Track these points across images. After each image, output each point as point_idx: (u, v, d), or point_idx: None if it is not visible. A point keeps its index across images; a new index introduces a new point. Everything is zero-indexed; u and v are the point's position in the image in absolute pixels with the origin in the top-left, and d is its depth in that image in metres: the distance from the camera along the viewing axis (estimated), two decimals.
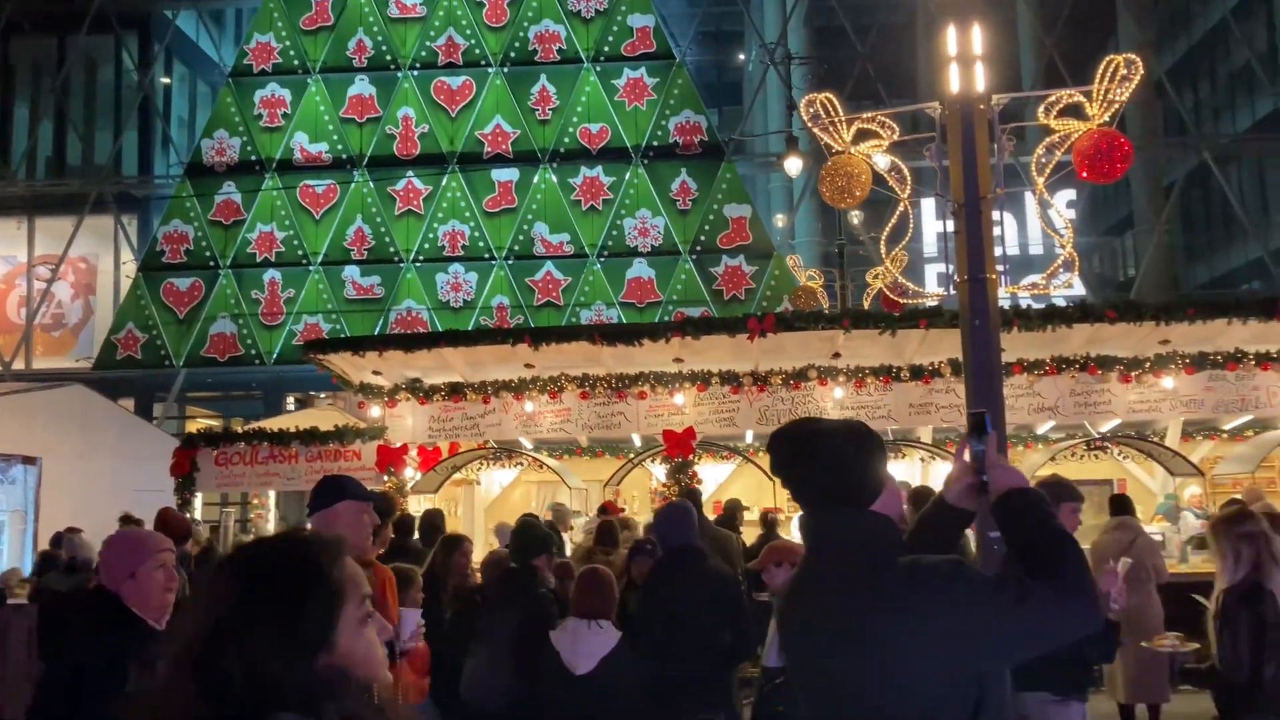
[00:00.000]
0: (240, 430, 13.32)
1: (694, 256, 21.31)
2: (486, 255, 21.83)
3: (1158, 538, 10.42)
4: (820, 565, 2.22)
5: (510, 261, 21.73)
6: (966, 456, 2.28)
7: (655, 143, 21.80)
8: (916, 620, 2.01)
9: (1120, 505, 8.41)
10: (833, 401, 11.69)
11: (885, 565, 2.10)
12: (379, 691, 1.71)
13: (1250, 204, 31.37)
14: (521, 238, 21.81)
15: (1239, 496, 10.05)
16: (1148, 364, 11.34)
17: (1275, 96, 28.43)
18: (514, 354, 11.57)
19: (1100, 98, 8.05)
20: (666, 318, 19.68)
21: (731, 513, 9.31)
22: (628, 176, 21.71)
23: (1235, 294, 28.14)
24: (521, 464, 13.70)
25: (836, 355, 11.55)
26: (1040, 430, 14.17)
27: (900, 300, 9.99)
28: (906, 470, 14.40)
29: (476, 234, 21.92)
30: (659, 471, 12.36)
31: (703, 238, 21.41)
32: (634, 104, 21.92)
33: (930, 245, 23.09)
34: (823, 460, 2.21)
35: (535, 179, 21.87)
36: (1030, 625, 2.02)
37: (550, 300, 21.59)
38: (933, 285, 11.61)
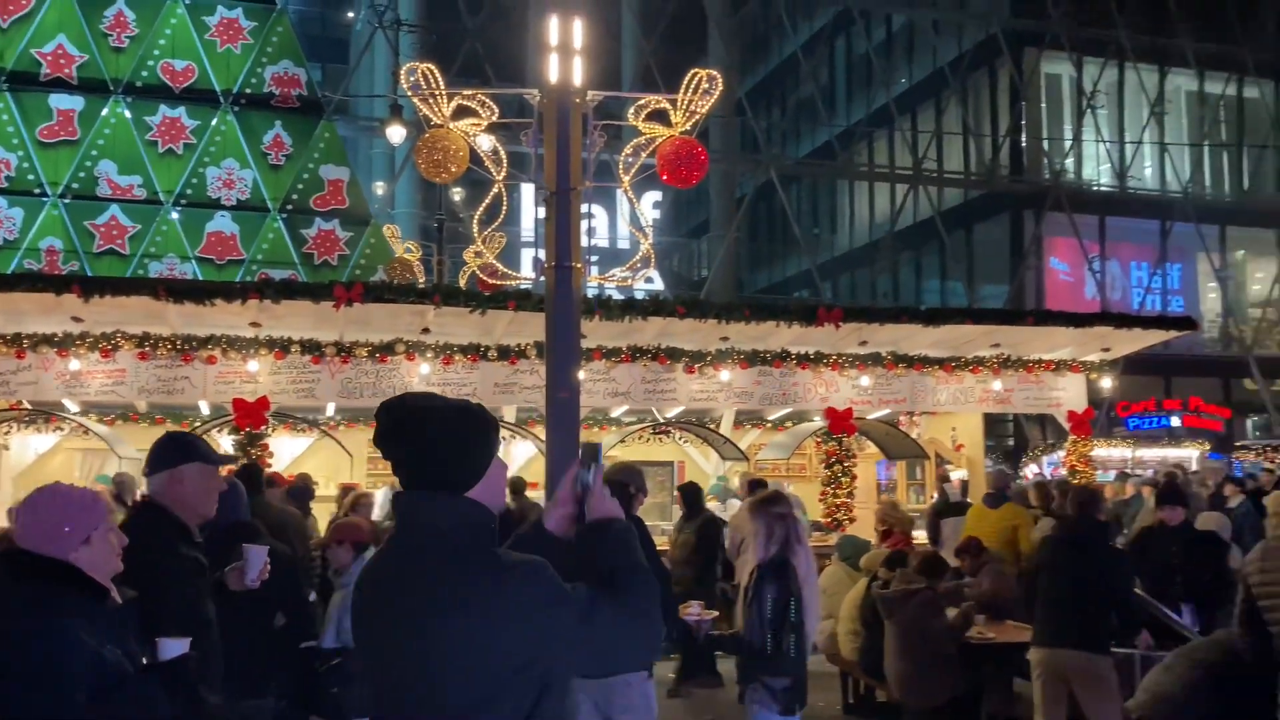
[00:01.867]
0: None
1: (284, 215, 20.13)
2: (37, 190, 19.18)
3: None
4: (405, 547, 2.16)
5: (67, 200, 19.26)
6: (569, 485, 2.31)
7: (249, 90, 20.30)
8: (491, 617, 2.01)
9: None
10: (419, 377, 11.57)
11: (472, 556, 2.08)
12: None
13: (805, 222, 35.30)
14: (83, 175, 19.39)
15: (763, 479, 11.35)
16: (709, 357, 12.36)
17: (830, 129, 32.24)
18: (60, 304, 10.22)
19: (684, 107, 8.62)
20: (250, 278, 18.44)
21: (301, 490, 8.90)
22: (214, 122, 20.04)
23: (786, 300, 31.62)
24: (62, 429, 12.22)
25: (426, 331, 11.44)
26: (614, 413, 15.02)
27: (492, 281, 10.07)
28: None
29: (26, 165, 19.19)
30: (227, 442, 11.56)
31: (295, 197, 20.29)
32: (227, 45, 20.28)
33: (529, 230, 23.64)
34: (429, 438, 2.14)
35: (104, 111, 19.54)
36: (594, 642, 2.08)
37: (114, 248, 19.41)
38: (527, 269, 11.86)
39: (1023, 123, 29.58)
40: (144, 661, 2.80)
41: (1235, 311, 30.93)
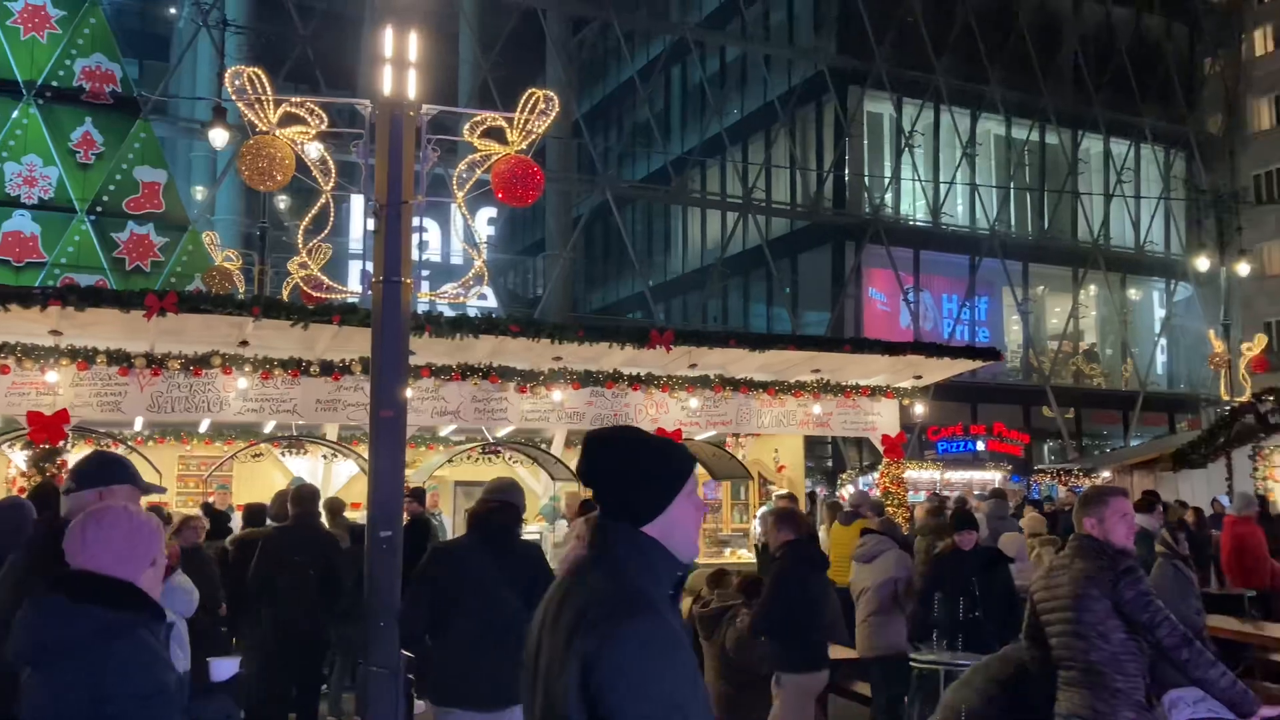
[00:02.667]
0: None
1: (92, 217, 18.99)
2: None
3: (535, 536, 11.48)
4: (583, 569, 2.18)
5: None
6: None
7: (55, 83, 19.10)
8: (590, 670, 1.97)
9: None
10: (236, 392, 11.08)
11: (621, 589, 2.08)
12: None
13: (639, 244, 35.76)
14: None
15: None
16: (542, 377, 12.34)
17: (665, 154, 32.86)
18: None
19: (520, 126, 8.60)
20: (53, 282, 17.28)
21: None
22: (15, 115, 18.75)
23: (620, 322, 31.95)
24: None
25: (244, 343, 10.97)
26: (443, 432, 14.78)
27: (316, 294, 9.75)
28: (309, 467, 14.16)
29: None
30: (19, 458, 10.76)
31: (106, 198, 19.17)
32: (31, 33, 19.01)
33: (357, 241, 23.05)
34: (635, 471, 2.18)
35: None
36: None
37: None
38: (355, 282, 11.55)
39: (846, 158, 30.92)
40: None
41: (1035, 343, 33.12)
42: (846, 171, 31.06)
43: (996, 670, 4.74)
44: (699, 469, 14.86)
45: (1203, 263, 27.83)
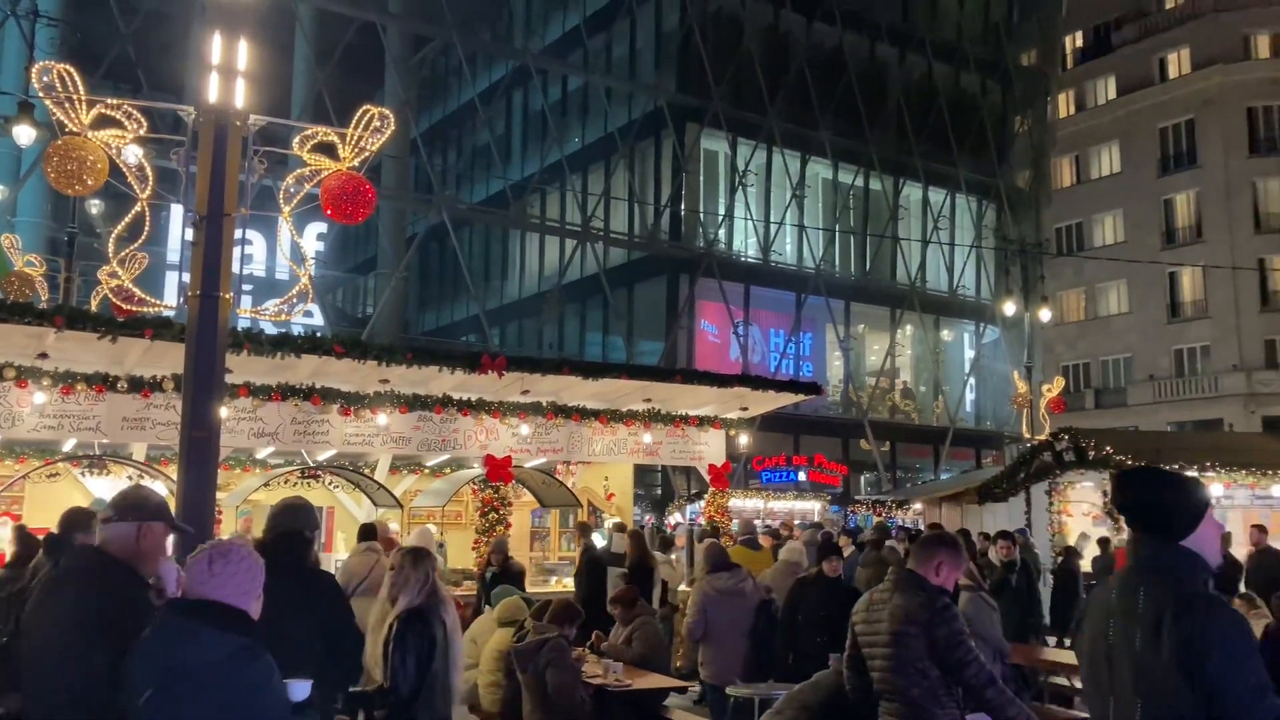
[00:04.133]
0: None
1: None
2: None
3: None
4: (1131, 581, 2.86)
5: None
6: None
7: None
8: (1193, 643, 2.62)
9: (368, 532, 9.42)
10: (31, 407, 10.34)
11: (1185, 589, 2.75)
12: None
13: (475, 267, 35.47)
14: None
15: (431, 526, 11.24)
16: (367, 399, 12.02)
17: (505, 178, 32.76)
18: None
19: (353, 143, 8.40)
20: None
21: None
22: None
23: (452, 345, 31.52)
24: None
25: (44, 355, 10.26)
26: (260, 455, 14.19)
27: (127, 306, 9.22)
28: (112, 488, 13.31)
29: None
30: None
31: None
32: None
33: (175, 253, 21.95)
34: (1174, 499, 2.88)
35: None
36: None
37: None
38: (171, 295, 10.99)
39: (683, 192, 31.58)
40: None
41: (855, 379, 34.53)
42: (683, 206, 31.71)
43: (808, 696, 4.87)
44: (528, 495, 14.80)
45: (1009, 308, 29.66)
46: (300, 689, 3.20)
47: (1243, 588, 11.40)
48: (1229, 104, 40.06)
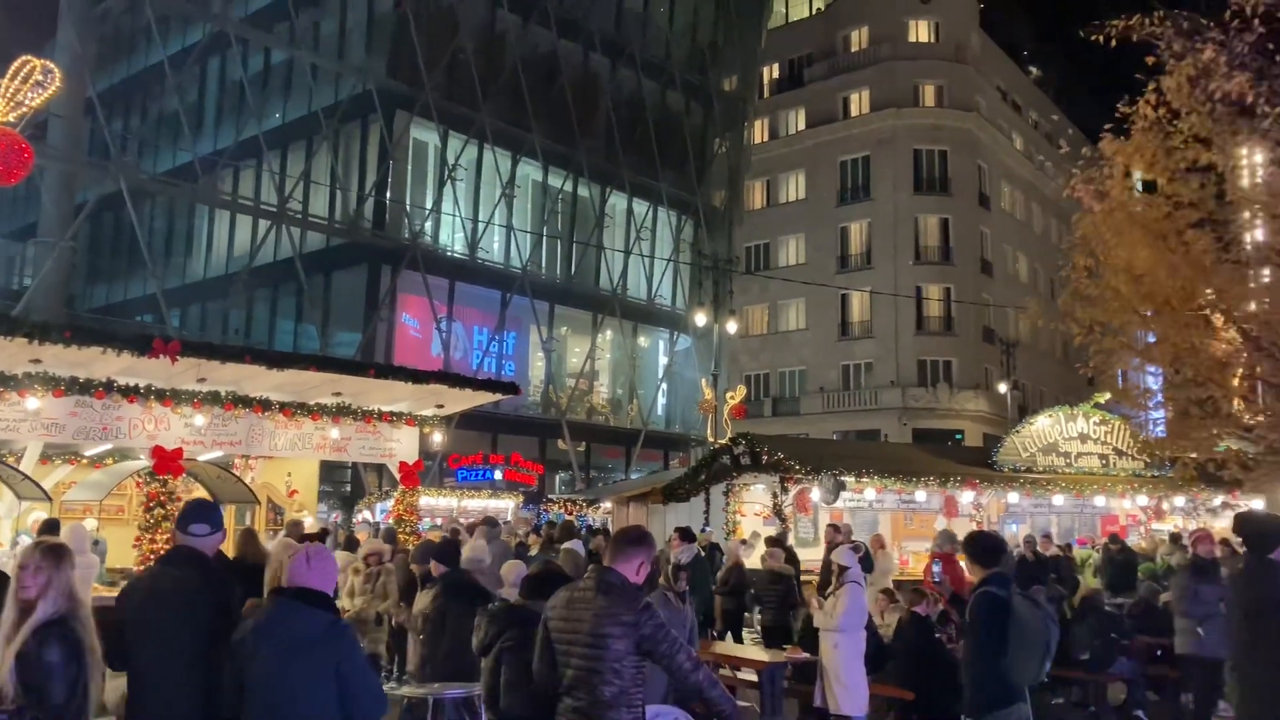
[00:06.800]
0: None
1: None
2: None
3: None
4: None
5: None
6: None
7: None
8: None
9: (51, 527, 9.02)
10: None
11: None
12: None
13: (156, 242, 32.87)
14: None
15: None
16: (14, 381, 10.81)
17: (195, 150, 30.52)
18: None
19: (9, 96, 7.55)
20: None
21: None
22: None
23: (122, 324, 29.00)
24: None
25: None
26: None
27: None
28: None
29: None
30: None
31: None
32: None
33: None
34: None
35: None
36: None
37: None
38: None
39: (389, 181, 30.77)
40: None
41: (555, 380, 35.07)
42: (389, 195, 30.89)
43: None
44: (201, 490, 13.84)
45: (700, 319, 31.27)
46: None
47: (884, 582, 12.62)
48: (899, 145, 44.38)
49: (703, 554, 13.82)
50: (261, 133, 30.55)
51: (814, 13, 50.62)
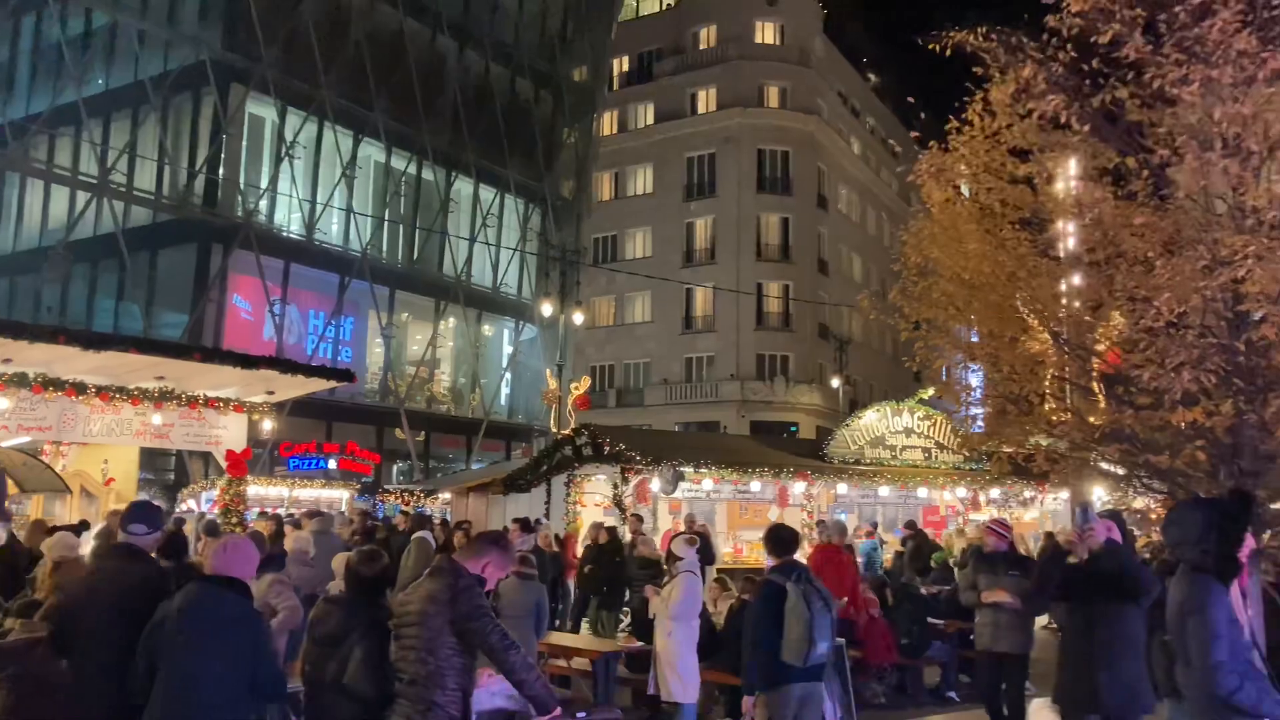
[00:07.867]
0: None
1: None
2: None
3: None
4: None
5: None
6: None
7: None
8: None
9: None
10: None
11: None
12: None
13: None
14: None
15: None
16: None
17: (4, 113, 28.43)
18: None
19: None
20: None
21: None
22: None
23: None
24: None
25: None
26: None
27: None
28: None
29: None
30: None
31: None
32: None
33: None
34: None
35: None
36: None
37: None
38: None
39: (222, 156, 29.41)
40: None
41: (395, 367, 34.31)
42: (221, 171, 29.53)
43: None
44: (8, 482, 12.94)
45: (547, 309, 31.19)
46: None
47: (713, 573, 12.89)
48: (744, 143, 45.32)
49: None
50: (81, 99, 28.73)
51: (664, 8, 51.09)
